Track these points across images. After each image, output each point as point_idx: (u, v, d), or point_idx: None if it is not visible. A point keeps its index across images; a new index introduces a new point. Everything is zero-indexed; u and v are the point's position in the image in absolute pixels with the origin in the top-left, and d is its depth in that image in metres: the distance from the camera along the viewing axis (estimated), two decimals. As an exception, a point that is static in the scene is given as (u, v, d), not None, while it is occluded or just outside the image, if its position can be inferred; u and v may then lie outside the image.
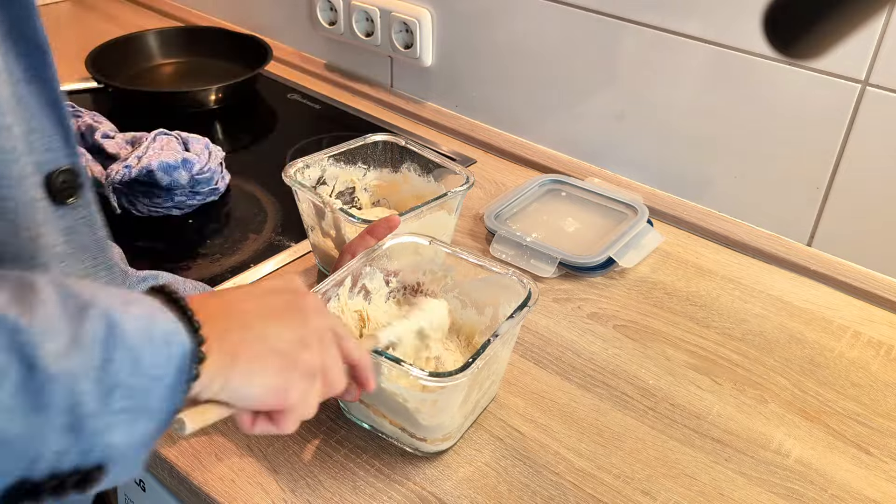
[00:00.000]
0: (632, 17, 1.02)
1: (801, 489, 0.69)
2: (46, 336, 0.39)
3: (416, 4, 1.23)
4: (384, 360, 0.63)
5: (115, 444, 0.42)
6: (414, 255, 0.78)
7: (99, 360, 0.40)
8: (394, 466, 0.70)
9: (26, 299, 0.40)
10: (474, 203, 1.06)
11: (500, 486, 0.68)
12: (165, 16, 1.63)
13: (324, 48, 1.41)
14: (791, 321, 0.89)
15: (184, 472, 0.68)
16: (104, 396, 0.41)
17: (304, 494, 0.67)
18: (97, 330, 0.41)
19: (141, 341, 0.43)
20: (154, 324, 0.44)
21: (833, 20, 0.43)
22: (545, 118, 1.17)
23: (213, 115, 1.28)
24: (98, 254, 0.56)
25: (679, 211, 1.05)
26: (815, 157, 0.94)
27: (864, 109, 0.89)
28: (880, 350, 0.85)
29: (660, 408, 0.77)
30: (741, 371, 0.81)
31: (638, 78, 1.05)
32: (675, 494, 0.68)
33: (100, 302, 0.42)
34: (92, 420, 0.40)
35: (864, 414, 0.77)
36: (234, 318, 0.50)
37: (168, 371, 0.44)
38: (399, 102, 1.31)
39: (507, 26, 1.14)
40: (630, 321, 0.88)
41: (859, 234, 0.94)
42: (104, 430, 0.41)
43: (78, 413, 0.40)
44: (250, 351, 0.49)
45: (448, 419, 0.67)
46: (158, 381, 0.43)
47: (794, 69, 0.91)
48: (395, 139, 0.95)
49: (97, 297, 0.42)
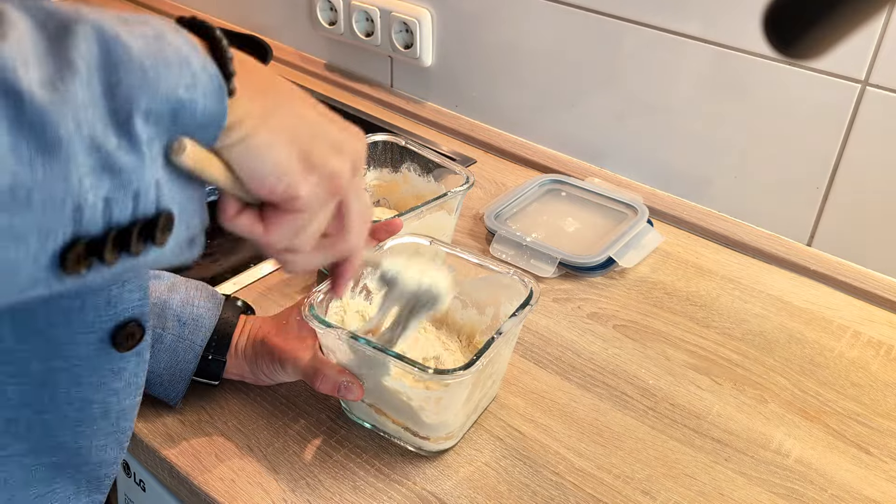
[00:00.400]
0: (632, 17, 1.02)
1: (801, 489, 0.69)
2: (26, 63, 0.33)
3: (416, 4, 1.23)
4: (389, 357, 0.63)
5: (163, 182, 0.37)
6: (414, 256, 0.78)
7: (102, 85, 0.35)
8: (394, 466, 0.70)
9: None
10: (474, 203, 1.06)
11: (500, 485, 0.68)
12: (165, 16, 1.63)
13: (324, 48, 1.41)
14: (791, 321, 0.89)
15: (184, 472, 0.68)
16: (123, 126, 0.35)
17: (304, 494, 0.67)
18: (91, 49, 0.35)
19: (152, 60, 0.36)
20: (166, 43, 0.37)
21: (833, 20, 0.43)
22: (545, 118, 1.17)
23: (213, 115, 1.27)
24: None
25: (679, 211, 1.05)
26: (815, 157, 0.94)
27: (864, 109, 0.89)
28: (880, 350, 0.85)
29: (660, 408, 0.77)
30: (741, 371, 0.81)
31: (638, 78, 1.05)
32: (675, 494, 0.68)
33: (88, 19, 0.35)
34: (123, 156, 0.35)
35: (864, 414, 0.77)
36: (271, 87, 0.44)
37: (194, 94, 0.38)
38: (399, 102, 1.31)
39: (507, 26, 1.14)
40: (630, 321, 0.88)
41: (859, 234, 0.94)
42: (143, 167, 0.36)
43: (102, 149, 0.35)
44: (283, 117, 0.43)
45: (451, 417, 0.67)
46: (186, 104, 0.37)
47: (794, 69, 0.91)
48: (395, 139, 0.95)
49: (85, 14, 0.36)
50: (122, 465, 0.80)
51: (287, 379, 0.73)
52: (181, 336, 0.70)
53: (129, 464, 0.79)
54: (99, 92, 0.35)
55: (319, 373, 0.67)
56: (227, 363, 0.72)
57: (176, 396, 0.72)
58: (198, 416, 0.73)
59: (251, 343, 0.72)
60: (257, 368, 0.72)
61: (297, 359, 0.69)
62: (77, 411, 0.51)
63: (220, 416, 0.73)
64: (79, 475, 0.54)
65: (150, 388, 0.71)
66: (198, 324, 0.70)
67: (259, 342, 0.71)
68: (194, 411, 0.74)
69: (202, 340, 0.70)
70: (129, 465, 0.79)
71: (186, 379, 0.71)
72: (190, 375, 0.71)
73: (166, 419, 0.73)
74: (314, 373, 0.68)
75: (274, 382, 0.74)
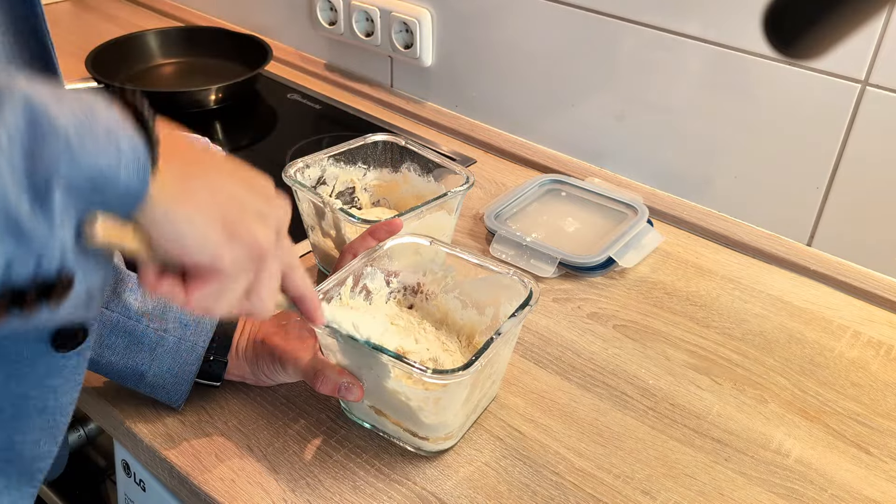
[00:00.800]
0: (632, 17, 1.02)
1: (800, 489, 0.69)
2: None
3: (416, 4, 1.23)
4: (388, 357, 0.63)
5: (68, 247, 0.38)
6: (414, 256, 0.78)
7: (23, 153, 0.35)
8: (394, 466, 0.70)
9: None
10: (474, 203, 1.06)
11: (500, 485, 0.68)
12: (165, 16, 1.63)
13: (324, 48, 1.41)
14: (791, 321, 0.89)
15: (184, 472, 0.68)
16: (39, 194, 0.36)
17: (304, 494, 0.67)
18: (16, 119, 0.35)
19: (78, 134, 0.37)
20: (95, 117, 0.39)
21: (833, 20, 0.43)
22: (545, 118, 1.17)
23: (213, 115, 1.28)
24: None
25: (679, 211, 1.05)
26: (815, 156, 0.94)
27: (864, 109, 0.89)
28: (880, 350, 0.85)
29: (660, 408, 0.77)
30: (741, 371, 0.82)
31: (638, 78, 1.05)
32: (674, 494, 0.68)
33: (19, 91, 0.36)
34: (33, 221, 0.36)
35: (863, 414, 0.77)
36: (195, 161, 0.46)
37: (117, 169, 0.39)
38: (399, 102, 1.31)
39: (507, 26, 1.14)
40: (630, 321, 0.88)
41: (859, 234, 0.94)
42: (52, 234, 0.37)
43: (12, 214, 0.36)
44: (206, 190, 0.45)
45: (451, 417, 0.67)
46: (109, 178, 0.39)
47: (794, 69, 0.91)
48: (395, 139, 0.95)
49: (17, 85, 0.36)
50: (122, 464, 0.80)
51: (288, 380, 0.73)
52: (183, 338, 0.70)
53: (129, 464, 0.79)
54: (19, 159, 0.35)
55: (320, 374, 0.67)
56: (228, 364, 0.72)
57: (179, 399, 0.72)
58: (198, 416, 0.73)
59: (251, 343, 0.72)
60: (258, 369, 0.72)
61: (298, 359, 0.69)
62: (13, 407, 0.51)
63: (220, 416, 0.73)
64: (10, 468, 0.54)
65: (153, 393, 0.71)
66: (199, 325, 0.70)
67: (259, 342, 0.71)
68: (194, 411, 0.74)
69: (204, 342, 0.70)
70: (130, 465, 0.79)
71: (189, 381, 0.71)
72: (193, 377, 0.71)
73: (166, 419, 0.73)
74: (314, 374, 0.68)
75: (274, 383, 0.74)
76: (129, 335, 0.69)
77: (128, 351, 0.69)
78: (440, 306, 0.79)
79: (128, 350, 0.69)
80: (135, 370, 0.70)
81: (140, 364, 0.69)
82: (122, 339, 0.69)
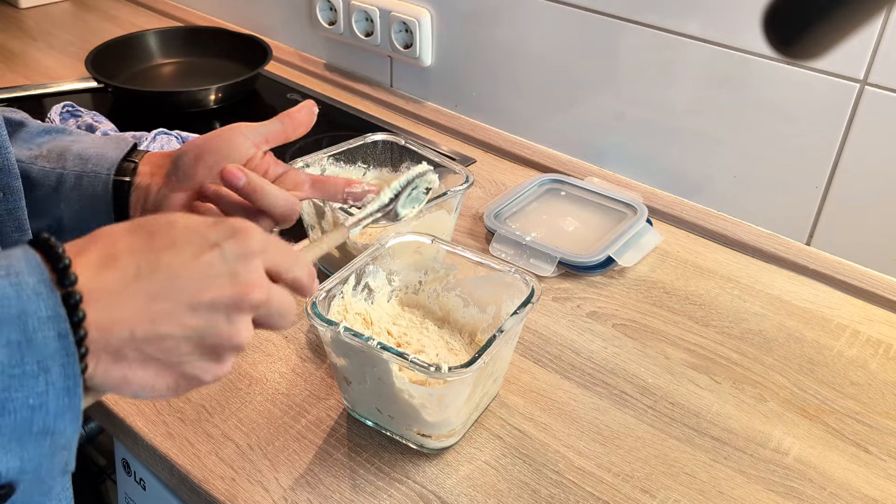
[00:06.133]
0: (632, 17, 1.02)
1: (800, 487, 0.69)
2: None
3: (415, 4, 1.23)
4: (391, 355, 0.64)
5: (12, 469, 0.38)
6: (415, 254, 0.78)
7: None
8: (394, 464, 0.70)
9: None
10: (474, 202, 1.07)
11: (500, 484, 0.68)
12: (165, 16, 1.64)
13: (324, 48, 1.41)
14: (790, 320, 0.89)
15: (184, 470, 0.69)
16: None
17: (305, 493, 0.67)
18: None
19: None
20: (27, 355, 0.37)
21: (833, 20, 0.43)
22: (545, 118, 1.17)
23: (213, 115, 1.28)
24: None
25: (678, 210, 1.05)
26: (814, 156, 0.94)
27: (863, 109, 0.89)
28: (879, 349, 0.85)
29: (659, 406, 0.77)
30: (740, 370, 0.82)
31: (638, 78, 1.05)
32: (674, 493, 0.68)
33: None
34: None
35: (862, 412, 0.77)
36: (128, 303, 0.41)
37: (42, 411, 0.38)
38: (399, 102, 1.31)
39: (507, 26, 1.15)
40: (629, 320, 0.88)
41: (858, 234, 0.95)
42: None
43: None
44: (138, 342, 0.42)
45: (453, 415, 0.68)
46: (40, 428, 0.38)
47: (794, 69, 0.92)
48: (394, 139, 0.95)
49: None
50: (122, 463, 0.80)
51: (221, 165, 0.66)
52: (84, 171, 0.66)
53: (129, 462, 0.79)
54: None
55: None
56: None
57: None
58: (198, 414, 0.73)
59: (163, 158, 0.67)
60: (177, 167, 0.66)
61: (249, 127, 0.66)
62: None
63: (220, 415, 0.73)
64: None
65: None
66: (102, 157, 0.66)
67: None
68: (194, 410, 0.74)
69: (108, 169, 0.65)
70: (130, 464, 0.79)
71: (107, 210, 0.66)
72: (108, 205, 0.66)
73: (166, 418, 0.73)
74: None
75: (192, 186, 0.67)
76: (27, 181, 0.64)
77: (34, 203, 0.64)
78: (442, 305, 0.79)
79: (33, 202, 0.64)
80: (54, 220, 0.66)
81: (53, 210, 0.65)
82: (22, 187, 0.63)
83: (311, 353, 0.82)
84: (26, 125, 0.69)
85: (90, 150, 0.66)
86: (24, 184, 0.63)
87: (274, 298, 0.46)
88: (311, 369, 0.79)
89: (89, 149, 0.66)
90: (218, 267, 0.44)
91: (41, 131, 0.68)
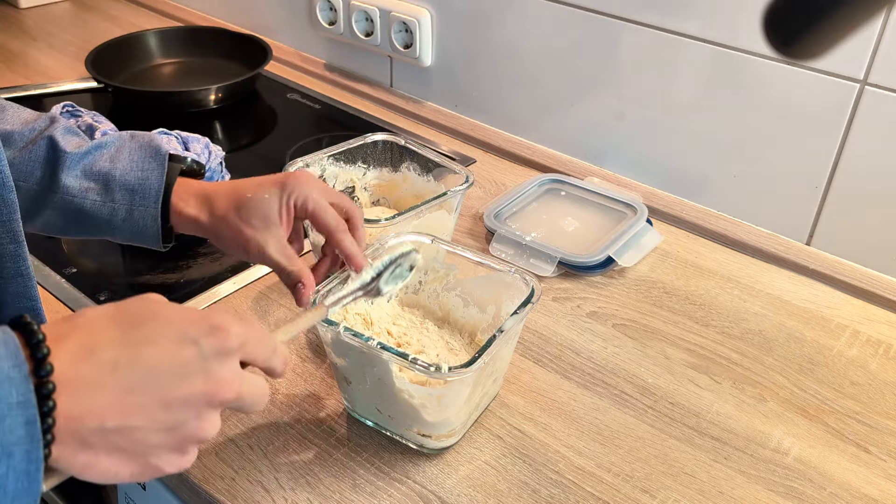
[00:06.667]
0: (632, 17, 1.02)
1: (800, 487, 0.69)
2: None
3: (415, 4, 1.23)
4: (391, 355, 0.64)
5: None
6: None
7: None
8: (394, 464, 0.70)
9: None
10: (474, 202, 1.07)
11: (499, 484, 0.68)
12: (165, 16, 1.64)
13: (324, 48, 1.41)
14: (790, 320, 0.89)
15: (184, 470, 0.68)
16: None
17: (305, 492, 0.67)
18: None
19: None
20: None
21: (833, 20, 0.43)
22: (545, 118, 1.17)
23: (213, 115, 1.28)
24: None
25: (678, 210, 1.05)
26: (814, 156, 0.94)
27: (863, 108, 0.89)
28: (879, 349, 0.85)
29: (659, 406, 0.77)
30: (740, 370, 0.82)
31: (638, 78, 1.05)
32: (674, 493, 0.68)
33: None
34: None
35: (862, 412, 0.77)
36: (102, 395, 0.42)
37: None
38: (399, 102, 1.31)
39: (507, 26, 1.15)
40: (629, 320, 0.88)
41: (858, 233, 0.95)
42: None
43: None
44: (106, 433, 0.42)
45: (453, 415, 0.68)
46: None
47: (794, 69, 0.92)
48: (394, 139, 0.95)
49: None
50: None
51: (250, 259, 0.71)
52: (133, 204, 0.70)
53: (129, 462, 0.79)
54: None
55: (284, 269, 0.67)
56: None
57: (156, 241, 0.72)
58: (198, 414, 0.73)
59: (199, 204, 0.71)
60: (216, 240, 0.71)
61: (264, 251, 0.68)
62: None
63: (220, 414, 0.73)
64: None
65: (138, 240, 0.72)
66: (146, 188, 0.70)
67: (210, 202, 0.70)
68: (195, 410, 0.74)
69: (156, 203, 0.70)
70: (130, 464, 0.79)
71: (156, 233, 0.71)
72: (157, 232, 0.71)
73: (167, 418, 0.73)
74: (280, 267, 0.68)
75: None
76: (78, 213, 0.70)
77: (83, 228, 0.70)
78: (442, 305, 0.79)
79: (83, 228, 0.70)
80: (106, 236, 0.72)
81: (105, 234, 0.71)
82: (73, 218, 0.70)
83: (311, 353, 0.82)
84: (6, 107, 0.72)
85: (130, 178, 0.70)
86: (79, 216, 0.69)
87: (245, 393, 0.48)
88: (311, 369, 0.79)
89: (129, 175, 0.70)
90: (194, 364, 0.45)
91: (79, 155, 0.70)
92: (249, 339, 0.48)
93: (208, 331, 0.45)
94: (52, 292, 0.87)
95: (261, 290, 0.90)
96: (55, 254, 0.93)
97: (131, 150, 0.71)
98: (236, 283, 0.90)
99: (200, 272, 0.92)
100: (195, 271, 0.92)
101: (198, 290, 0.89)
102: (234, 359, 0.47)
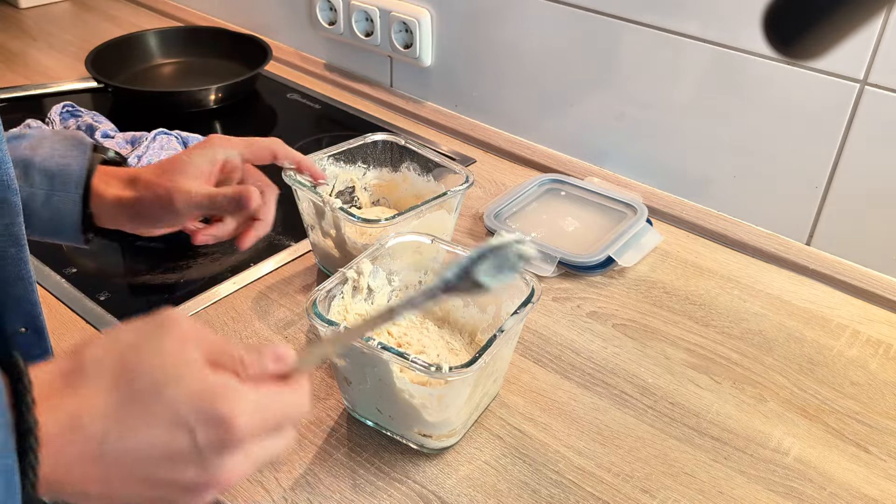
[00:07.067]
0: (632, 17, 1.02)
1: (800, 487, 0.69)
2: None
3: (415, 4, 1.23)
4: (392, 355, 0.64)
5: None
6: (415, 254, 0.78)
7: None
8: (394, 464, 0.70)
9: None
10: (474, 202, 1.07)
11: (499, 484, 0.68)
12: (165, 16, 1.64)
13: (323, 48, 1.41)
14: (790, 320, 0.89)
15: None
16: None
17: (304, 492, 0.67)
18: None
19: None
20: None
21: (833, 20, 0.43)
22: (545, 118, 1.17)
23: (213, 115, 1.28)
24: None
25: (678, 210, 1.05)
26: (814, 156, 0.94)
27: (863, 109, 0.89)
28: (879, 349, 0.85)
29: (659, 406, 0.77)
30: (740, 370, 0.82)
31: (638, 78, 1.05)
32: (674, 493, 0.68)
33: None
34: None
35: (862, 412, 0.77)
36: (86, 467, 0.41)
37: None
38: (399, 102, 1.31)
39: (507, 26, 1.15)
40: (629, 320, 0.88)
41: (858, 233, 0.95)
42: None
43: None
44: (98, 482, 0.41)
45: (454, 415, 0.68)
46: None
47: (794, 69, 0.92)
48: (394, 138, 0.95)
49: None
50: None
51: (176, 221, 0.71)
52: (52, 189, 0.68)
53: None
54: None
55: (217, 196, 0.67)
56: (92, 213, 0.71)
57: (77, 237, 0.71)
58: (198, 414, 0.73)
59: (123, 184, 0.70)
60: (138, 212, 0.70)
61: (190, 191, 0.68)
62: None
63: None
64: None
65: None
66: (67, 174, 0.69)
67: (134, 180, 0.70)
68: (195, 410, 0.74)
69: (76, 188, 0.69)
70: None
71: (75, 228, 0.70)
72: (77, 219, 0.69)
73: (167, 418, 0.73)
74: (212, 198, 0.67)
75: (159, 228, 0.73)
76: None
77: None
78: (442, 305, 0.79)
79: None
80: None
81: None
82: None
83: (311, 353, 0.82)
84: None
85: (51, 164, 0.68)
86: None
87: (259, 465, 0.45)
88: (311, 369, 0.79)
89: (49, 161, 0.68)
90: (185, 455, 0.41)
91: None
92: (262, 427, 0.43)
93: (211, 420, 0.41)
94: (52, 292, 0.87)
95: (261, 290, 0.90)
96: (55, 254, 0.93)
97: (53, 141, 0.70)
98: (236, 283, 0.90)
99: (200, 272, 0.92)
100: (195, 271, 0.92)
101: (198, 290, 0.89)
102: (237, 451, 0.42)
